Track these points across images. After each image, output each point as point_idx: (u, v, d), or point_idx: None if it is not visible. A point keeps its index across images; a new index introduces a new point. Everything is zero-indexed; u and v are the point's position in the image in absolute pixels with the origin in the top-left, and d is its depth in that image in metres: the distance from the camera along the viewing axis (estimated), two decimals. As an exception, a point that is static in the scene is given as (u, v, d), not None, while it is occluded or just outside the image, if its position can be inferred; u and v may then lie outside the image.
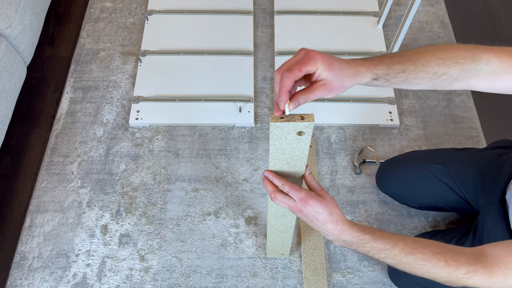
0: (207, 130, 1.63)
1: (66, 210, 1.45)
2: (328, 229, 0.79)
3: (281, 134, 0.71)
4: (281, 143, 0.73)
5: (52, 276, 1.33)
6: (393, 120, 1.64)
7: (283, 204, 0.81)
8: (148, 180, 1.51)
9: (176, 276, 1.34)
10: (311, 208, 0.77)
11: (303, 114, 0.70)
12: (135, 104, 1.66)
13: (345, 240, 0.80)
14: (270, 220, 1.05)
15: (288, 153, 0.76)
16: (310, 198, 0.77)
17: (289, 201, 0.79)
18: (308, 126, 0.70)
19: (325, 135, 1.62)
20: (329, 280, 1.33)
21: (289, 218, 1.04)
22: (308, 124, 0.69)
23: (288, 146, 0.74)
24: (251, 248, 1.39)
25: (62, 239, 1.40)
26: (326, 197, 0.79)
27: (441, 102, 1.70)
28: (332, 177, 1.53)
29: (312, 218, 0.79)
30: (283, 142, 0.73)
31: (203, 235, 1.41)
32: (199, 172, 1.53)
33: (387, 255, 0.78)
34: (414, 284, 1.16)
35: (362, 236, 0.78)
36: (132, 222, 1.43)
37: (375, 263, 1.36)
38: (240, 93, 1.69)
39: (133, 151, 1.57)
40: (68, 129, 1.62)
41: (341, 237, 0.79)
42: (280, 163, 0.79)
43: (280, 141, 0.72)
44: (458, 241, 1.13)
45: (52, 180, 1.51)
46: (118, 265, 1.35)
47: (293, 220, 1.06)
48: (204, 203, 1.47)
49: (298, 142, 0.73)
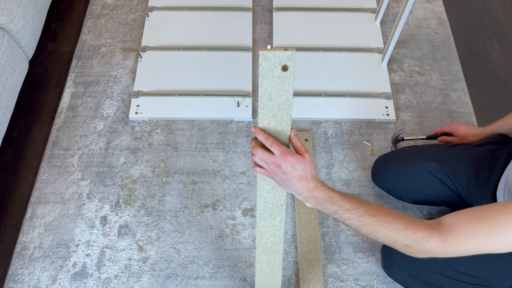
0: (205, 124, 1.66)
1: (66, 201, 1.48)
2: (302, 185, 0.81)
3: (268, 69, 0.75)
4: (268, 82, 0.77)
5: (53, 266, 1.36)
6: (389, 115, 1.66)
7: (262, 162, 0.82)
8: (147, 172, 1.54)
9: (174, 266, 1.36)
10: (288, 164, 0.79)
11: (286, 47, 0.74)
12: (135, 99, 1.69)
13: (316, 197, 0.82)
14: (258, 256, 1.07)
15: (274, 99, 0.79)
16: (289, 153, 0.79)
17: (268, 156, 0.80)
18: (291, 56, 0.73)
19: (322, 130, 1.64)
20: (324, 271, 1.35)
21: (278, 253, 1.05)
22: (291, 53, 0.73)
23: (274, 88, 0.78)
24: (248, 239, 1.41)
25: (62, 229, 1.42)
26: (305, 156, 0.81)
27: (438, 98, 1.72)
28: (328, 171, 1.55)
29: (288, 174, 0.81)
30: (270, 81, 0.77)
31: (201, 226, 1.43)
32: (197, 165, 1.56)
33: (353, 215, 0.82)
34: (406, 275, 1.18)
35: (332, 194, 0.82)
36: (131, 214, 1.45)
37: (369, 254, 1.38)
38: (239, 88, 1.72)
39: (132, 145, 1.60)
40: (69, 123, 1.65)
41: (314, 193, 0.82)
42: (268, 115, 0.81)
43: (267, 79, 0.76)
44: None
45: (53, 172, 1.54)
46: (117, 255, 1.38)
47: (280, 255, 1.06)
48: (202, 196, 1.49)
49: (283, 82, 0.77)
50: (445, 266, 1.09)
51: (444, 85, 1.75)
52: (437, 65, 1.80)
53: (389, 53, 1.72)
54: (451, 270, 1.09)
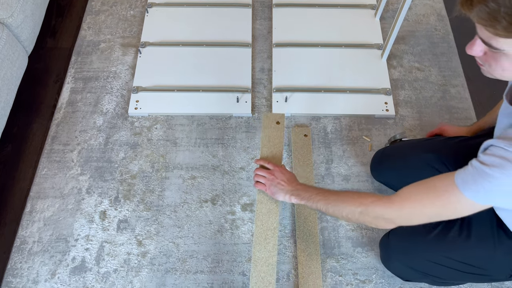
0: (205, 119, 1.66)
1: (66, 196, 1.48)
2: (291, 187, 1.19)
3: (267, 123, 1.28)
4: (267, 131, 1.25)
5: (52, 260, 1.36)
6: (388, 111, 1.66)
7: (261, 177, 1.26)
8: (146, 168, 1.54)
9: (173, 260, 1.36)
10: (279, 171, 1.25)
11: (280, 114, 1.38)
12: (134, 94, 1.69)
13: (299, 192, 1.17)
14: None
15: (271, 140, 1.32)
16: (281, 167, 1.27)
17: (266, 172, 1.26)
18: (282, 116, 1.33)
19: (321, 125, 1.64)
20: (323, 265, 1.35)
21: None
22: (281, 114, 1.35)
23: (271, 134, 1.29)
24: (247, 234, 1.41)
25: (61, 224, 1.42)
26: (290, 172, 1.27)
27: (437, 93, 1.72)
28: (328, 166, 1.55)
29: (280, 179, 1.22)
30: (268, 130, 1.26)
31: (200, 221, 1.43)
32: (196, 161, 1.56)
33: (322, 197, 1.10)
34: (405, 267, 1.18)
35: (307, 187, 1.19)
36: (130, 209, 1.45)
37: (368, 249, 1.38)
38: (238, 84, 1.72)
39: (132, 140, 1.60)
40: (68, 118, 1.65)
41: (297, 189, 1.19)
42: (267, 151, 1.31)
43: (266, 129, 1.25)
44: (447, 225, 1.15)
45: (53, 167, 1.54)
46: (116, 250, 1.38)
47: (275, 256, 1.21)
48: (201, 191, 1.49)
49: (277, 130, 1.33)
50: (442, 256, 1.09)
51: (443, 81, 1.75)
52: (436, 61, 1.80)
53: (388, 49, 1.72)
54: (449, 260, 1.09)
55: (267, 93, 1.72)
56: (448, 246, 1.10)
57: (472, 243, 1.08)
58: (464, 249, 1.09)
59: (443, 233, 1.13)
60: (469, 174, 0.85)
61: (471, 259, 1.08)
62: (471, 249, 1.08)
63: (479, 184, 0.83)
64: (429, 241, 1.13)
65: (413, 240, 1.16)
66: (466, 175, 0.85)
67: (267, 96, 1.71)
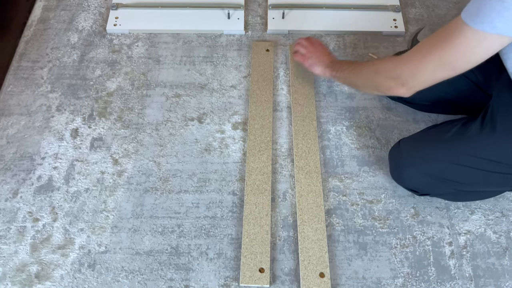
0: (192, 37, 1.48)
1: (33, 113, 1.30)
2: (329, 60, 1.24)
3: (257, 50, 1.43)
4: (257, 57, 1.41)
5: (14, 179, 1.19)
6: (397, 27, 1.48)
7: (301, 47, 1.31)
8: (125, 85, 1.37)
9: (153, 180, 1.19)
10: (322, 47, 1.30)
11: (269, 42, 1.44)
12: (113, 11, 1.51)
13: (333, 64, 1.22)
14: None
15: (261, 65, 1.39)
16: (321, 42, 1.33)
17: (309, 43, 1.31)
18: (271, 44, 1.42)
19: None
20: (324, 185, 1.18)
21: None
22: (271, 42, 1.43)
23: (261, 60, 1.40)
24: (238, 152, 1.24)
25: (27, 142, 1.25)
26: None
27: (452, 11, 1.54)
28: (330, 84, 1.37)
29: (321, 53, 1.27)
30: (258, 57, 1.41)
31: (185, 139, 1.26)
32: (181, 79, 1.38)
33: (348, 66, 1.15)
34: (419, 173, 1.01)
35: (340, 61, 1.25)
36: (106, 126, 1.28)
37: (376, 168, 1.21)
38: (230, 0, 1.54)
39: (110, 57, 1.43)
40: (39, 35, 1.48)
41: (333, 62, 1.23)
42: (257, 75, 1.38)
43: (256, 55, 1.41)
44: (466, 123, 0.99)
45: (19, 84, 1.36)
46: (89, 168, 1.21)
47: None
48: (186, 109, 1.32)
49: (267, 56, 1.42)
50: (464, 154, 0.93)
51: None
52: (450, -22, 1.62)
53: (397, -39, 1.54)
54: (470, 158, 0.92)
55: (262, 11, 1.55)
56: (469, 142, 0.94)
57: (498, 137, 0.91)
58: (489, 143, 0.92)
59: (462, 131, 0.97)
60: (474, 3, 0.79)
61: (497, 155, 0.92)
62: (497, 143, 0.92)
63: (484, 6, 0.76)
64: (447, 139, 0.97)
65: (428, 141, 1.00)
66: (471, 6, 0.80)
67: (262, 14, 1.54)
